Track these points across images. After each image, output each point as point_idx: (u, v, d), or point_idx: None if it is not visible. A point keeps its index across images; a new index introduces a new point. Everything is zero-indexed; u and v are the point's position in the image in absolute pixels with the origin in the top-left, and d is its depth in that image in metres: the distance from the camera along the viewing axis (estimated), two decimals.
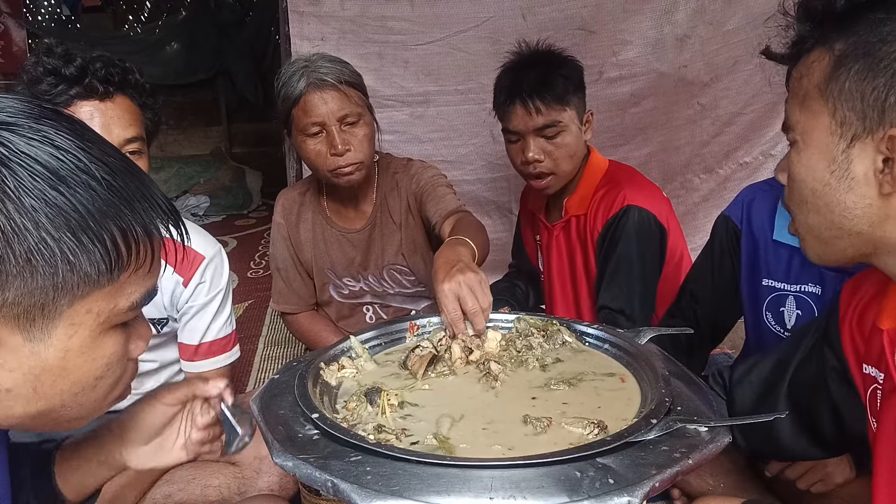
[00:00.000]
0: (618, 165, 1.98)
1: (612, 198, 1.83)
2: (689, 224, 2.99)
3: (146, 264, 0.69)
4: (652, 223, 1.80)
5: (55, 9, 6.57)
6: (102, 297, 0.66)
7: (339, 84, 1.73)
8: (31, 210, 0.60)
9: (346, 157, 1.75)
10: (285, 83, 1.76)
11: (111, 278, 0.66)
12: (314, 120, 1.73)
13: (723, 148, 3.01)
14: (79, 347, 0.67)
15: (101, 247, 0.64)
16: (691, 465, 0.84)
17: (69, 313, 0.65)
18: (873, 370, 0.96)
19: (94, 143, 0.66)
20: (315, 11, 2.68)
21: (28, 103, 0.65)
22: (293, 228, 2.00)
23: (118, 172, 0.66)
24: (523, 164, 1.87)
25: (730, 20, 2.81)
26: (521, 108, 1.81)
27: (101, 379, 0.71)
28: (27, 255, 0.61)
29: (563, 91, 1.80)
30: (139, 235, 0.67)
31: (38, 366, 0.66)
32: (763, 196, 1.67)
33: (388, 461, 0.83)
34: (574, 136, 1.84)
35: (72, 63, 1.42)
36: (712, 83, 2.90)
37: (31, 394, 0.67)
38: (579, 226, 1.94)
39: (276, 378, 1.14)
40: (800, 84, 0.89)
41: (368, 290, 2.01)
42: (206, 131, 7.09)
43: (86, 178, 0.63)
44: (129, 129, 1.47)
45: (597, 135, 2.79)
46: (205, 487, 1.52)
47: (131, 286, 0.69)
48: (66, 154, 0.63)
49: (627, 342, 1.21)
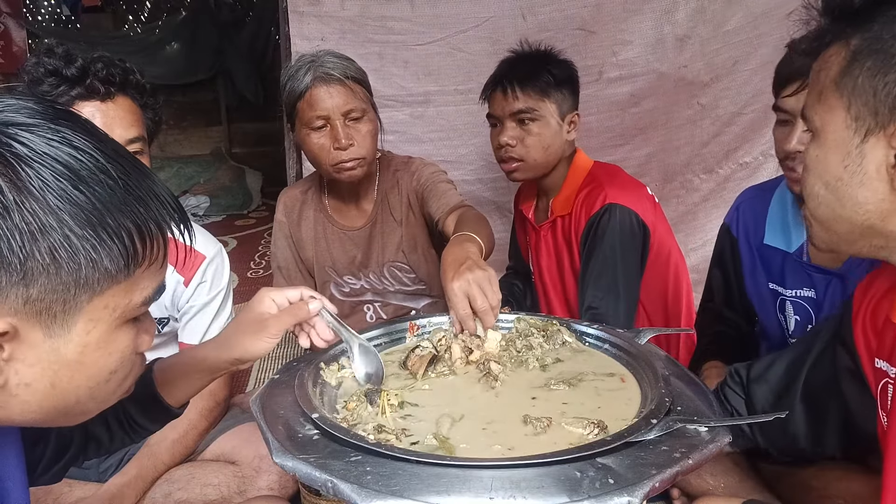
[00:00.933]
0: (601, 165, 1.99)
1: (595, 197, 1.84)
2: (689, 224, 2.99)
3: (159, 259, 0.72)
4: (633, 221, 1.81)
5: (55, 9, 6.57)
6: (119, 293, 0.69)
7: (344, 79, 1.74)
8: (55, 208, 0.63)
9: (350, 152, 1.76)
10: (291, 77, 1.78)
11: (127, 274, 0.68)
12: (319, 113, 1.74)
13: (723, 148, 3.01)
14: (96, 342, 0.69)
15: (120, 243, 0.66)
16: (691, 465, 0.84)
17: (88, 309, 0.67)
18: (885, 364, 0.96)
19: (107, 143, 0.68)
20: (315, 11, 2.68)
21: (42, 104, 0.68)
22: (295, 226, 2.00)
23: (131, 171, 0.68)
24: (497, 149, 1.92)
25: (730, 20, 2.80)
26: (500, 93, 1.87)
27: (115, 373, 0.73)
28: (52, 252, 0.63)
29: (546, 83, 1.85)
30: (153, 231, 0.69)
31: (56, 361, 0.67)
32: (753, 200, 1.68)
33: (388, 461, 0.83)
34: (551, 129, 1.86)
35: (73, 64, 1.42)
36: (712, 83, 2.90)
37: (48, 388, 0.68)
38: (564, 226, 1.96)
39: (276, 378, 1.14)
40: (818, 78, 0.90)
41: (369, 288, 2.01)
42: (206, 131, 7.10)
43: (103, 177, 0.65)
44: (131, 130, 1.47)
45: (597, 135, 2.79)
46: (204, 486, 1.52)
47: (145, 281, 0.71)
48: (84, 154, 0.65)
49: (627, 342, 1.21)
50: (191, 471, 1.56)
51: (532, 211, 2.09)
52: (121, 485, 1.51)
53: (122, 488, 1.50)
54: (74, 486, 1.60)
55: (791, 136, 1.41)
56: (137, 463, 1.54)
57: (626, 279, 1.80)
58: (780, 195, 1.61)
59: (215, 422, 1.69)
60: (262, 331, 1.02)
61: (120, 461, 1.69)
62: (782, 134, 1.45)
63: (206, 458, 1.66)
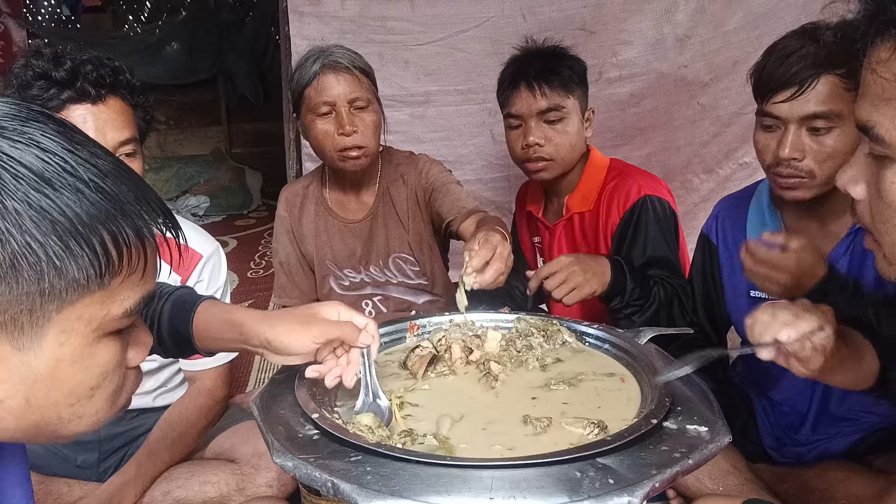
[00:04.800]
0: (621, 161, 1.99)
1: (626, 189, 1.83)
2: (689, 224, 2.99)
3: (139, 270, 0.67)
4: (668, 210, 1.81)
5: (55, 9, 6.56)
6: (94, 304, 0.64)
7: (352, 68, 1.79)
8: (13, 213, 0.58)
9: (354, 139, 1.78)
10: (300, 67, 1.83)
11: (102, 284, 0.64)
12: (325, 99, 1.77)
13: (723, 148, 3.02)
14: (71, 356, 0.65)
15: (90, 251, 0.62)
16: (691, 465, 0.84)
17: (59, 320, 0.63)
18: None
19: (84, 146, 0.64)
20: (315, 11, 2.69)
21: (16, 106, 0.64)
22: (296, 221, 2.02)
23: (108, 175, 0.64)
24: (523, 149, 1.86)
25: (730, 20, 2.81)
26: (525, 90, 1.82)
27: (98, 389, 0.68)
28: (11, 260, 0.59)
29: (568, 79, 1.83)
30: (131, 240, 0.65)
31: (29, 376, 0.63)
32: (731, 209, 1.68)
33: (388, 461, 0.83)
34: (576, 126, 1.85)
35: (62, 66, 1.40)
36: (712, 83, 2.90)
37: (24, 405, 0.64)
38: (584, 223, 1.94)
39: (276, 378, 1.14)
40: (894, 84, 0.73)
41: (370, 282, 2.01)
42: (206, 131, 7.09)
43: (73, 180, 0.61)
44: (124, 131, 1.46)
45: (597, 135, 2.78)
46: (203, 484, 1.52)
47: (124, 292, 0.66)
48: (52, 156, 0.61)
49: (627, 342, 1.21)
50: (190, 469, 1.57)
51: (541, 211, 2.07)
52: (121, 484, 1.51)
53: (122, 487, 1.50)
54: (74, 486, 1.60)
55: (784, 142, 1.38)
56: (137, 462, 1.54)
57: (678, 263, 1.81)
58: (758, 202, 1.60)
59: (214, 420, 1.69)
60: (307, 327, 1.00)
61: (120, 461, 1.69)
62: (770, 140, 1.42)
63: (205, 456, 1.66)
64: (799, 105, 1.35)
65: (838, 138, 1.35)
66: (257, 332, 1.01)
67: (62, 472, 1.63)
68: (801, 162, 1.38)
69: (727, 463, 1.47)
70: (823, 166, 1.36)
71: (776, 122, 1.40)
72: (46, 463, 1.62)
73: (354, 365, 1.03)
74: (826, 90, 1.33)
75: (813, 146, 1.37)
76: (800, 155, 1.38)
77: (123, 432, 1.70)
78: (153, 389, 1.71)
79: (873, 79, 0.75)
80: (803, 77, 1.34)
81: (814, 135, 1.37)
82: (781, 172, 1.41)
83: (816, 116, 1.34)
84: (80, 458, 1.66)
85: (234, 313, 1.06)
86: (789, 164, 1.39)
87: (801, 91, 1.34)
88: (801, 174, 1.39)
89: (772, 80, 1.39)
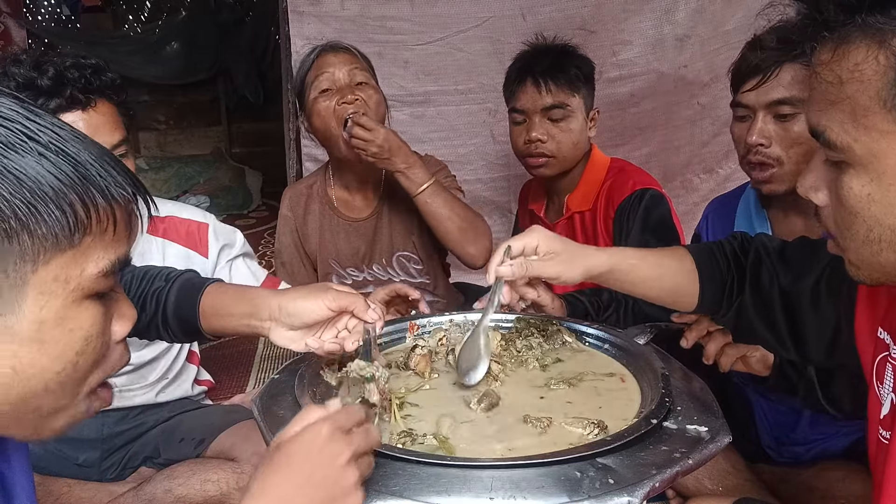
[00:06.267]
0: (621, 160, 2.00)
1: (622, 184, 1.85)
2: (688, 224, 2.97)
3: (109, 229, 0.68)
4: (665, 203, 1.82)
5: (55, 9, 6.56)
6: (67, 263, 0.65)
7: (349, 47, 1.87)
8: None
9: (356, 105, 1.79)
10: (303, 60, 1.89)
11: (72, 242, 0.65)
12: (324, 71, 1.82)
13: (723, 148, 3.02)
14: (53, 318, 0.65)
15: (58, 210, 0.63)
16: (691, 465, 0.84)
17: (35, 281, 0.64)
18: (888, 336, 0.87)
19: (42, 115, 0.66)
20: (315, 11, 2.69)
21: None
22: (301, 220, 2.02)
23: (69, 140, 0.66)
24: (525, 144, 1.88)
25: (730, 20, 2.81)
26: (531, 86, 1.84)
27: (82, 355, 0.69)
28: None
29: (575, 78, 1.84)
30: (96, 200, 0.66)
31: (13, 340, 0.64)
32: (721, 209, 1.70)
33: (388, 461, 0.83)
34: (579, 125, 1.86)
35: (45, 74, 1.38)
36: (712, 83, 2.90)
37: (10, 374, 0.65)
38: (584, 221, 1.95)
39: (276, 378, 1.14)
40: (841, 91, 0.71)
41: (372, 280, 2.01)
42: (206, 131, 7.08)
43: (34, 144, 0.63)
44: (115, 134, 1.47)
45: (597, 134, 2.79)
46: (204, 482, 1.52)
47: (97, 251, 0.67)
48: (12, 123, 0.63)
49: (627, 342, 1.21)
50: (191, 467, 1.57)
51: (543, 210, 2.08)
52: None
53: None
54: (74, 486, 1.60)
55: (753, 129, 1.44)
56: None
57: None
58: (745, 202, 1.65)
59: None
60: (321, 293, 1.05)
61: (120, 461, 1.69)
62: (742, 130, 1.49)
63: (206, 455, 1.67)
64: (764, 92, 1.42)
65: (803, 124, 1.36)
66: (268, 302, 1.05)
67: (62, 472, 1.63)
68: (769, 149, 1.43)
69: (727, 463, 1.47)
70: (790, 152, 1.42)
71: (746, 111, 1.47)
72: (46, 463, 1.62)
73: (356, 333, 1.08)
74: (789, 76, 1.39)
75: (780, 132, 1.42)
76: (766, 141, 1.43)
77: (125, 430, 1.71)
78: (156, 381, 1.72)
79: (818, 81, 0.74)
80: (767, 65, 1.40)
81: (780, 121, 1.42)
82: (751, 160, 1.46)
83: (781, 102, 1.40)
84: (81, 457, 1.66)
85: (246, 288, 1.12)
86: (758, 151, 1.44)
87: (765, 78, 1.40)
88: (769, 161, 1.44)
89: (740, 71, 1.47)
